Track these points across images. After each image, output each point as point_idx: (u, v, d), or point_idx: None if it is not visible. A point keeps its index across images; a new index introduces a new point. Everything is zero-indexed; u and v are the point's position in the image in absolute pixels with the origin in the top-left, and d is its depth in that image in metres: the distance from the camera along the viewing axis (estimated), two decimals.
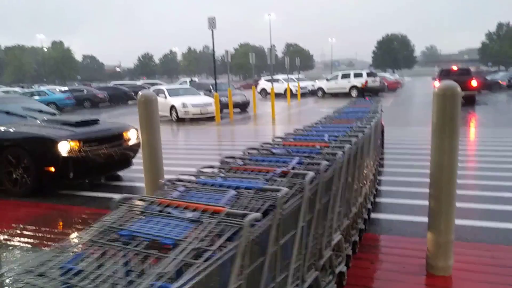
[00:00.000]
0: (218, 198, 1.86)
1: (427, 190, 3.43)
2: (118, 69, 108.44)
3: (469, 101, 18.63)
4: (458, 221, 3.47)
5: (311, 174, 2.13)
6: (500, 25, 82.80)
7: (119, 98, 31.20)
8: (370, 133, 4.00)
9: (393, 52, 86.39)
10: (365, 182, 4.11)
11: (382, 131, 7.12)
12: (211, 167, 2.64)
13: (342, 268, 3.16)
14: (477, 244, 3.95)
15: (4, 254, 4.01)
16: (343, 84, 29.24)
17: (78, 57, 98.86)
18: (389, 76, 40.96)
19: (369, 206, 4.49)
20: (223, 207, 1.69)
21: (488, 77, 34.70)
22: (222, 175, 2.26)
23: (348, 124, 4.17)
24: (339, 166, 2.73)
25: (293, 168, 2.38)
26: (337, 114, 5.35)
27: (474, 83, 19.47)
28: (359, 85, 28.31)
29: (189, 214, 1.67)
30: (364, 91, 27.63)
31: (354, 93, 28.19)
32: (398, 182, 6.25)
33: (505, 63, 76.22)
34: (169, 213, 1.72)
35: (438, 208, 3.30)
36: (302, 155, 2.69)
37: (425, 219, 3.46)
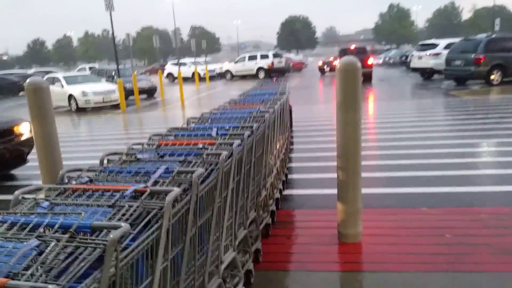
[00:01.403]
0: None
1: (335, 164, 3.50)
2: (4, 57, 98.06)
3: (367, 78, 19.87)
4: (364, 190, 3.60)
5: (174, 192, 1.64)
6: (391, 6, 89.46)
7: (7, 89, 28.04)
8: (274, 117, 3.90)
9: (296, 34, 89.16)
10: (271, 166, 4.03)
11: (290, 111, 7.22)
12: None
13: (257, 245, 3.14)
14: (382, 209, 4.17)
15: None
16: (250, 66, 29.46)
17: None
18: (294, 57, 42.21)
19: (280, 186, 4.51)
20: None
21: (382, 55, 37.39)
22: (45, 203, 1.66)
23: (251, 108, 3.94)
24: (225, 170, 2.28)
25: (156, 182, 1.90)
26: (242, 97, 5.24)
27: (370, 60, 20.78)
28: (265, 66, 28.73)
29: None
30: (270, 72, 28.15)
31: (261, 74, 28.55)
32: (307, 158, 6.41)
33: (397, 42, 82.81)
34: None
35: (346, 178, 3.40)
36: (176, 160, 2.22)
37: (335, 191, 3.54)
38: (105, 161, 2.35)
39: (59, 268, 1.19)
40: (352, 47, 22.83)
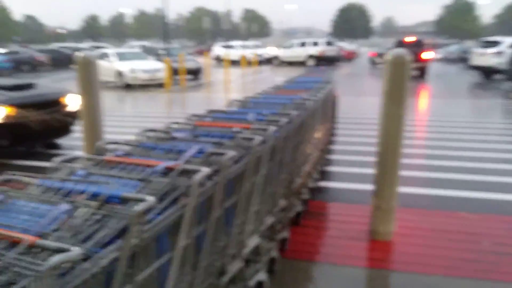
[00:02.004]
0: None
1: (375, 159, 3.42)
2: (60, 31, 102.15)
3: (421, 73, 19.11)
4: (402, 188, 3.50)
5: (203, 171, 1.66)
6: None
7: (61, 62, 29.15)
8: (315, 107, 3.84)
9: (351, 22, 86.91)
10: (308, 155, 3.98)
11: (335, 101, 7.09)
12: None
13: (284, 234, 3.13)
14: (418, 210, 4.03)
15: None
16: (299, 53, 29.07)
17: (18, 17, 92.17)
18: (347, 46, 41.25)
19: (317, 176, 4.46)
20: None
21: (442, 49, 35.72)
22: (81, 172, 1.73)
23: (294, 95, 3.89)
24: (257, 155, 2.28)
25: (188, 161, 1.92)
26: (287, 84, 5.19)
27: (426, 54, 19.91)
28: (315, 54, 28.27)
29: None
30: (320, 60, 27.67)
31: (310, 62, 28.16)
32: (348, 151, 6.29)
33: (461, 36, 78.84)
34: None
35: (383, 174, 3.31)
36: (210, 141, 2.21)
37: (372, 187, 3.46)
38: (143, 137, 2.41)
39: (86, 233, 1.24)
40: (408, 39, 21.95)
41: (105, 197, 1.37)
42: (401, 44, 20.62)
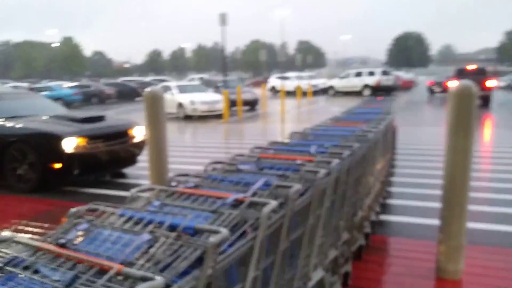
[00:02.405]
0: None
1: (439, 192, 3.30)
2: (126, 65, 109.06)
3: (485, 102, 18.29)
4: (470, 224, 3.33)
5: (271, 205, 1.71)
6: None
7: (126, 94, 31.12)
8: (377, 138, 3.80)
9: (408, 51, 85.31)
10: (369, 187, 3.92)
11: (394, 132, 6.94)
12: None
13: (347, 268, 3.07)
14: (489, 248, 3.80)
15: (5, 250, 3.96)
16: (355, 83, 28.91)
17: (88, 52, 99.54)
18: (404, 74, 40.45)
19: (378, 209, 4.36)
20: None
21: (505, 77, 34.02)
22: (156, 202, 1.82)
23: (354, 127, 3.88)
24: (321, 188, 2.29)
25: (255, 193, 1.96)
26: (345, 115, 5.18)
27: (490, 83, 19.08)
28: (372, 83, 27.97)
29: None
30: (377, 90, 27.29)
31: (366, 92, 27.86)
32: (409, 184, 6.09)
33: None
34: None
35: (450, 210, 3.18)
36: (275, 173, 2.25)
37: (437, 221, 3.33)
38: (210, 169, 2.51)
39: (165, 263, 1.31)
40: (469, 67, 21.14)
41: (182, 228, 1.45)
42: (462, 72, 19.93)
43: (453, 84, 3.18)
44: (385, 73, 29.08)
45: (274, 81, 34.20)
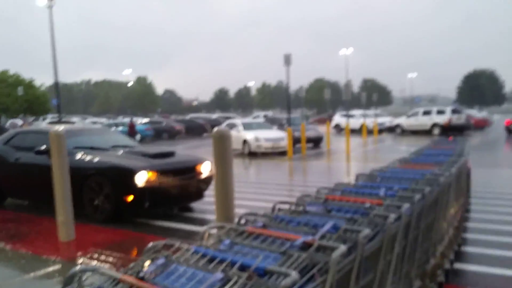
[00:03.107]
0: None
1: None
2: (195, 103, 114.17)
3: None
4: None
5: (341, 249, 1.68)
6: None
7: (194, 130, 32.52)
8: (449, 182, 3.61)
9: (480, 88, 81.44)
10: (442, 233, 3.70)
11: (468, 174, 6.57)
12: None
13: None
14: None
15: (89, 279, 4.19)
16: (424, 121, 27.90)
17: (160, 91, 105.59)
18: (476, 113, 38.49)
19: (452, 257, 4.10)
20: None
21: None
22: (227, 241, 1.86)
23: (424, 169, 3.73)
24: (391, 233, 2.23)
25: (323, 236, 1.94)
26: (414, 156, 5.00)
27: None
28: (441, 122, 26.84)
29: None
30: (447, 130, 26.11)
31: (436, 131, 26.76)
32: (487, 230, 5.67)
33: None
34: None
35: None
36: (343, 216, 2.24)
37: None
38: (277, 208, 2.54)
39: None
40: None
41: (253, 268, 1.48)
42: None
43: None
44: (455, 111, 27.81)
45: (338, 118, 33.97)
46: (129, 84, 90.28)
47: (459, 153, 5.06)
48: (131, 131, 27.29)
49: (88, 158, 6.89)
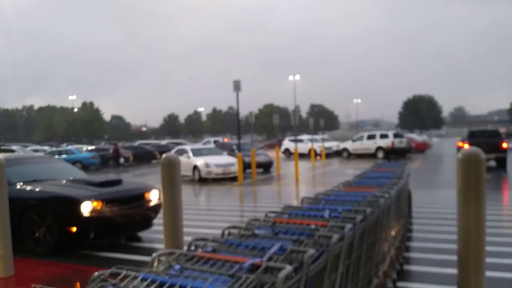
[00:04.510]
0: None
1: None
2: (143, 129, 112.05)
3: (501, 163, 18.15)
4: None
5: (287, 270, 1.76)
6: None
7: (143, 157, 31.75)
8: (389, 203, 3.82)
9: (420, 113, 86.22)
10: (384, 253, 3.88)
11: (409, 196, 6.91)
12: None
13: None
14: None
15: None
16: (368, 145, 29.12)
17: (107, 117, 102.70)
18: (417, 137, 40.66)
19: (395, 276, 4.29)
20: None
21: None
22: (177, 266, 1.89)
23: (366, 192, 3.92)
24: (335, 253, 2.34)
25: (271, 258, 2.02)
26: (357, 179, 5.23)
27: (505, 145, 19.07)
28: (385, 146, 28.12)
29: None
30: (390, 153, 27.36)
31: (380, 154, 27.95)
32: (428, 249, 5.98)
33: None
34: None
35: (466, 278, 3.13)
36: (289, 238, 2.33)
37: None
38: (226, 233, 2.58)
39: None
40: (484, 129, 21.20)
41: None
42: (475, 134, 20.01)
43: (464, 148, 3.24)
44: (397, 135, 29.30)
45: (287, 143, 34.59)
46: (75, 110, 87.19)
47: (399, 176, 5.35)
48: (116, 154, 26.84)
49: (28, 188, 6.59)
